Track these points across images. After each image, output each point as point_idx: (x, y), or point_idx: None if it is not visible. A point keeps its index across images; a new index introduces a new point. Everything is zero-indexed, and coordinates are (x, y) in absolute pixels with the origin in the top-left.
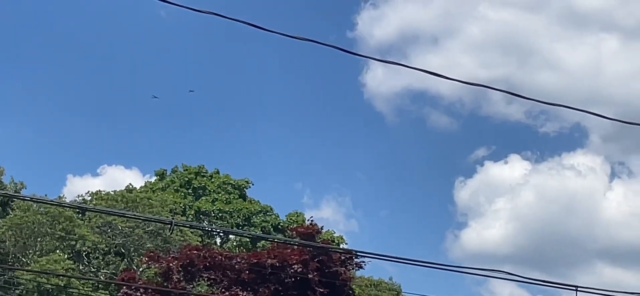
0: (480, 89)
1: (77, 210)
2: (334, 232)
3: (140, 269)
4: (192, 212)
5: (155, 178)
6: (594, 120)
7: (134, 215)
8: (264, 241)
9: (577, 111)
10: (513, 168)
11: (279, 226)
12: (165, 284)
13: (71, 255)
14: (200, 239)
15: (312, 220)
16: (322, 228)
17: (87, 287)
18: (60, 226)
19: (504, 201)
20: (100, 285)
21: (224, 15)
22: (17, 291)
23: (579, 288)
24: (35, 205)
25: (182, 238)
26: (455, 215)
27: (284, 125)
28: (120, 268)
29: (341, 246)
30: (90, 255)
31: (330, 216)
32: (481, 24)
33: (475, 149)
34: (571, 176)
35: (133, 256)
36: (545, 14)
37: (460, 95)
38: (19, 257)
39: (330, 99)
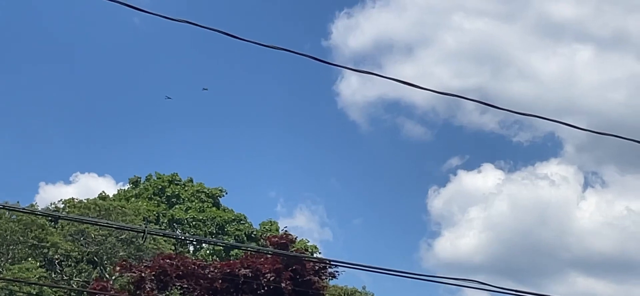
0: (455, 99)
1: (50, 218)
2: (308, 241)
3: (113, 278)
4: (166, 220)
5: (129, 186)
6: (568, 130)
7: (107, 223)
8: (237, 250)
9: (551, 121)
10: (486, 178)
11: (253, 235)
12: (137, 293)
13: (43, 263)
14: (173, 247)
15: (285, 229)
16: (296, 238)
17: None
18: (33, 234)
19: (477, 210)
20: (72, 294)
21: (198, 23)
22: None
23: None
24: (7, 213)
25: (155, 247)
26: (429, 224)
27: (258, 133)
28: (93, 276)
29: (315, 255)
30: (63, 263)
31: (304, 224)
32: (455, 33)
33: (449, 158)
34: (544, 186)
35: (106, 264)
36: (520, 24)
37: (434, 105)
38: None
39: (304, 108)
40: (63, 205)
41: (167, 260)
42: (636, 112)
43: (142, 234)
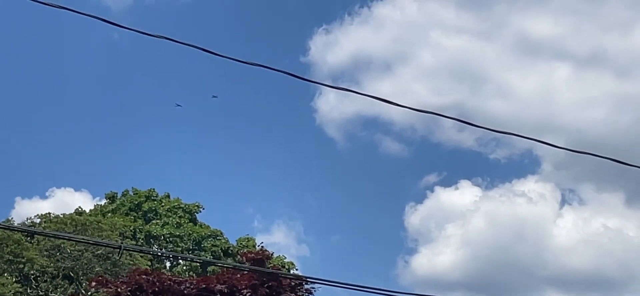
0: (433, 116)
1: (26, 233)
2: (285, 257)
3: (89, 293)
4: (142, 236)
5: (105, 201)
6: (546, 148)
7: (83, 238)
8: (214, 266)
9: (528, 139)
10: (464, 195)
11: (230, 251)
12: None
13: (19, 279)
14: (149, 263)
15: (262, 245)
16: (272, 254)
17: None
18: (8, 250)
19: (454, 227)
20: None
21: (177, 40)
22: None
23: None
24: None
25: (131, 262)
26: (406, 240)
27: (235, 149)
28: (69, 292)
29: (292, 271)
30: (39, 278)
31: (281, 240)
32: (434, 50)
33: (426, 175)
34: (522, 203)
35: (82, 280)
36: (498, 41)
37: (412, 122)
38: None
39: (282, 123)
40: (39, 220)
41: (144, 276)
42: (614, 130)
43: (118, 250)
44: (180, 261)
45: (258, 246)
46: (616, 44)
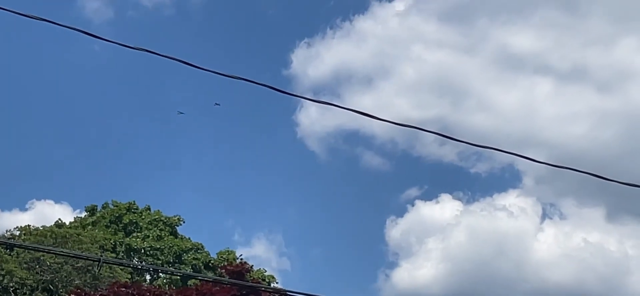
0: (414, 130)
1: (5, 246)
2: (265, 270)
3: None
4: (123, 249)
5: (86, 213)
6: (527, 162)
7: (62, 251)
8: (194, 279)
9: (509, 153)
10: (444, 209)
11: (210, 264)
12: None
13: None
14: (129, 276)
15: (242, 258)
16: (252, 266)
17: None
18: None
19: (435, 241)
20: None
21: (157, 52)
22: None
23: None
24: None
25: (111, 275)
26: (387, 254)
27: (216, 161)
28: None
29: (272, 284)
30: (18, 291)
31: (262, 253)
32: (415, 64)
33: (407, 189)
34: (503, 217)
35: (61, 293)
36: (480, 55)
37: (393, 136)
38: None
39: (263, 137)
40: (19, 232)
41: (123, 289)
42: (596, 145)
43: (98, 263)
44: (161, 274)
45: (238, 259)
46: (598, 59)
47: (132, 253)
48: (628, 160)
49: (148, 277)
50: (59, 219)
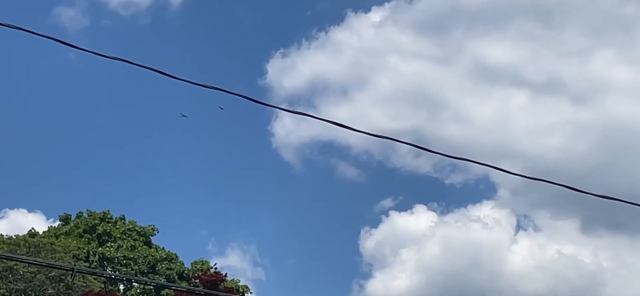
0: (389, 141)
1: None
2: (239, 281)
3: None
4: (96, 258)
5: (59, 223)
6: (502, 173)
7: (35, 260)
8: (167, 289)
9: (483, 165)
10: (419, 219)
11: (184, 274)
12: None
13: None
14: (103, 286)
15: (216, 268)
16: (226, 276)
17: None
18: None
19: (409, 252)
20: None
21: (132, 61)
22: None
23: None
24: None
25: (84, 285)
26: (361, 265)
27: (191, 171)
28: None
29: (246, 294)
30: None
31: (236, 263)
32: (391, 76)
33: (382, 199)
34: (477, 228)
35: None
36: (456, 67)
37: (368, 147)
38: None
39: (238, 147)
40: None
41: None
42: (571, 157)
43: (71, 272)
44: (134, 284)
45: (212, 269)
46: (573, 71)
47: (105, 262)
48: (603, 173)
49: (121, 287)
50: (33, 228)
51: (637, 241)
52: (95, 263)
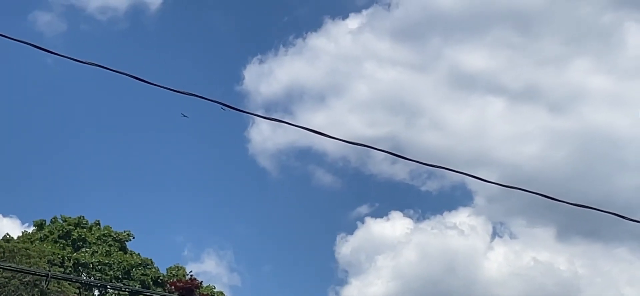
0: (366, 147)
1: None
2: (214, 287)
3: None
4: (71, 264)
5: (34, 228)
6: (479, 181)
7: (10, 266)
8: (142, 295)
9: (460, 173)
10: (395, 226)
11: (159, 280)
12: None
13: None
14: (78, 291)
15: (191, 274)
16: (201, 282)
17: None
18: None
19: (385, 258)
20: None
21: (109, 67)
22: None
23: None
24: None
25: (59, 290)
26: (337, 271)
27: (166, 177)
28: None
29: None
30: None
31: (212, 269)
32: (368, 82)
33: (358, 206)
34: (453, 235)
35: None
36: (433, 74)
37: (345, 153)
38: None
39: (214, 153)
40: None
41: None
42: (548, 165)
43: (46, 278)
44: (109, 289)
45: (188, 275)
46: (550, 79)
47: (80, 268)
48: (579, 180)
49: (96, 293)
50: (7, 233)
51: (612, 248)
52: (70, 269)
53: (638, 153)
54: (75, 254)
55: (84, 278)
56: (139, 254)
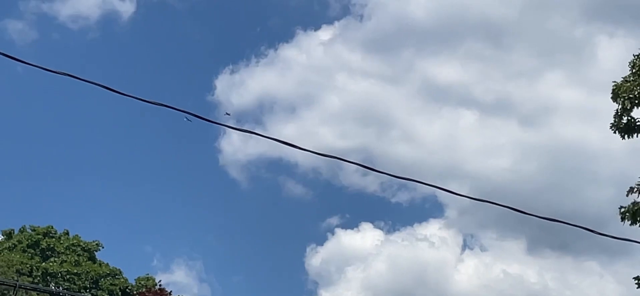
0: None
1: None
2: None
3: None
4: (39, 273)
5: (2, 237)
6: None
7: None
8: None
9: (430, 186)
10: (365, 238)
11: (128, 290)
12: None
13: None
14: None
15: (160, 284)
16: (171, 293)
17: None
18: None
19: (355, 270)
20: None
21: (79, 77)
22: None
23: None
24: None
25: None
26: (306, 282)
27: (136, 187)
28: None
29: None
30: None
31: (182, 279)
32: (340, 94)
33: (329, 217)
34: (424, 247)
35: None
36: (405, 86)
37: (316, 165)
38: None
39: (185, 163)
40: None
41: None
42: (519, 177)
43: (14, 288)
44: None
45: (157, 285)
46: (522, 92)
47: (49, 278)
48: (550, 193)
49: None
50: None
51: (582, 262)
52: (39, 279)
53: (608, 167)
54: (43, 264)
55: (53, 288)
56: (107, 264)
